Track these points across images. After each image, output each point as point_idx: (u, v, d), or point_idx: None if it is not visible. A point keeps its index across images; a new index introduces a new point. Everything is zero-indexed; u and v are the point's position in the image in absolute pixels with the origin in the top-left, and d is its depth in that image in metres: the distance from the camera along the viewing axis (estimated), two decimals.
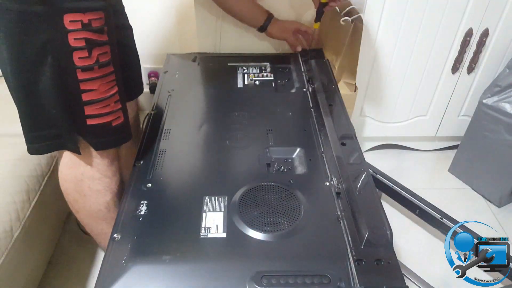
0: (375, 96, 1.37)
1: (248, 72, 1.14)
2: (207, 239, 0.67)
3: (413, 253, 1.17)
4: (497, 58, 1.33)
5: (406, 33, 1.23)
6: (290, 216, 0.70)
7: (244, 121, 0.96)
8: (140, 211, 0.72)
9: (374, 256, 0.63)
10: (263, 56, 1.25)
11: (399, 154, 1.55)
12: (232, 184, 0.77)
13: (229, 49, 1.35)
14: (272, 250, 0.66)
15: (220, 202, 0.73)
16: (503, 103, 1.23)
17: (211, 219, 0.70)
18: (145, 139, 0.89)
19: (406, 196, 1.05)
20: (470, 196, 1.40)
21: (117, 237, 0.68)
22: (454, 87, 1.38)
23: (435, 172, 1.51)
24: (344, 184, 0.76)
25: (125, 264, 0.64)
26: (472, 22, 1.23)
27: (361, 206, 0.70)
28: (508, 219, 1.31)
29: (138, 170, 0.81)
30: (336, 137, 0.88)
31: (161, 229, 0.69)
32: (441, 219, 0.98)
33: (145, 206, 0.73)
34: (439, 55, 1.30)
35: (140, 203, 0.74)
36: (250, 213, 0.71)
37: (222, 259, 0.64)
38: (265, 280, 0.61)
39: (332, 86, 1.07)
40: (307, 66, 1.17)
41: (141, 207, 0.73)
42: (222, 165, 0.83)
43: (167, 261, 0.64)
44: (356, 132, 0.90)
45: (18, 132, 0.74)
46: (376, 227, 0.66)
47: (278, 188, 0.76)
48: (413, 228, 1.24)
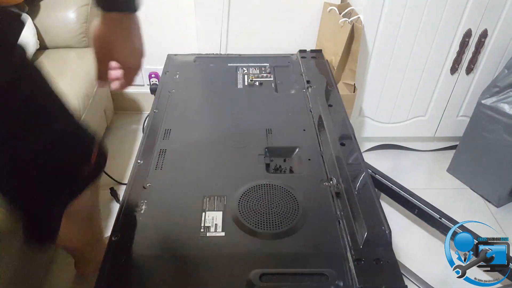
0: (374, 96, 1.38)
1: (248, 73, 1.15)
2: (206, 238, 0.67)
3: (413, 253, 1.17)
4: (496, 58, 1.33)
5: (405, 34, 1.23)
6: (289, 215, 0.70)
7: (244, 121, 0.97)
8: (140, 210, 0.72)
9: (373, 256, 0.63)
10: (263, 57, 1.25)
11: (398, 155, 1.56)
12: (232, 184, 0.77)
13: (229, 49, 1.35)
14: (271, 249, 0.66)
15: (220, 201, 0.74)
16: (502, 103, 1.24)
17: (210, 218, 0.70)
18: (145, 139, 0.90)
19: (405, 196, 1.05)
20: (468, 196, 1.41)
21: (116, 237, 0.68)
22: (453, 87, 1.38)
23: (434, 172, 1.51)
24: (343, 184, 0.76)
25: (125, 264, 0.64)
26: (471, 23, 1.24)
27: (360, 206, 0.70)
28: (507, 219, 1.32)
29: (138, 169, 0.81)
30: (335, 138, 0.88)
31: (160, 228, 0.70)
32: (440, 219, 0.98)
33: (145, 206, 0.74)
34: (438, 56, 1.30)
35: (140, 202, 0.74)
36: (249, 212, 0.71)
37: (221, 258, 0.65)
38: (265, 279, 0.61)
39: (331, 86, 1.07)
40: (306, 66, 1.17)
41: (141, 206, 0.73)
42: (221, 165, 0.83)
43: (166, 260, 0.64)
44: (355, 132, 0.90)
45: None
46: (375, 227, 0.66)
47: (277, 188, 0.76)
48: (412, 228, 1.25)
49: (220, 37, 1.31)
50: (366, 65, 1.30)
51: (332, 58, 1.24)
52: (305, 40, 1.37)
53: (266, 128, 0.93)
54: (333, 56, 1.23)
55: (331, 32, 1.26)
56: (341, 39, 1.18)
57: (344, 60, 1.23)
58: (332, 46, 1.24)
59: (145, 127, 0.94)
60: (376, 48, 1.26)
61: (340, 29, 1.18)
